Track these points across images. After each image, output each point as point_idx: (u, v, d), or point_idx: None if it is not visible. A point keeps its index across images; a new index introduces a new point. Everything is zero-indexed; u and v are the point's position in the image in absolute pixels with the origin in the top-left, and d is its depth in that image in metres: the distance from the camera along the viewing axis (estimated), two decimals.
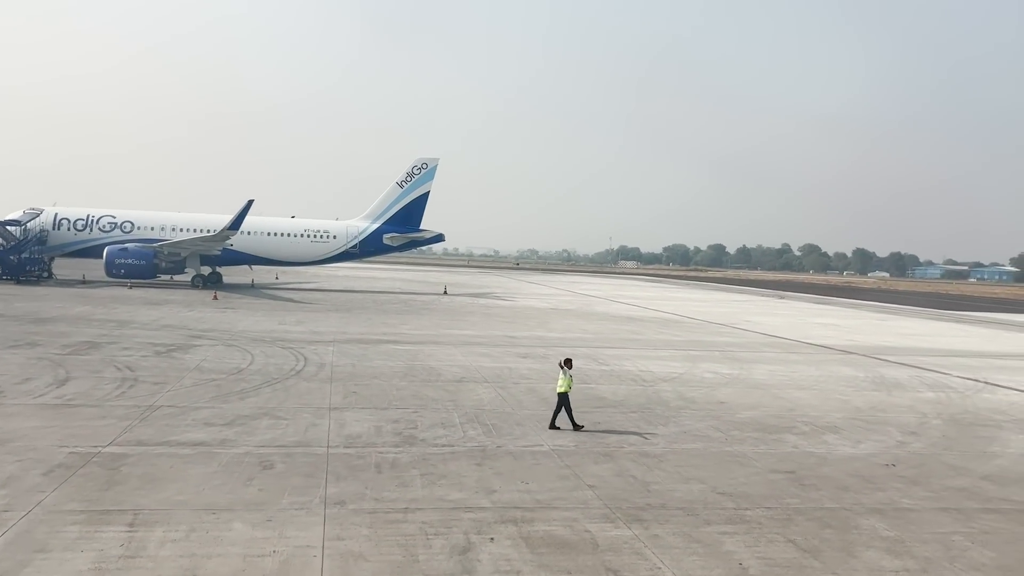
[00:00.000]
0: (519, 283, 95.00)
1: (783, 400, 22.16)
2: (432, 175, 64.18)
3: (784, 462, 15.41)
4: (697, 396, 22.13)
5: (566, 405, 17.37)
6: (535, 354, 29.32)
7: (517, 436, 16.51)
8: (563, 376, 17.45)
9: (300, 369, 23.63)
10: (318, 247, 62.40)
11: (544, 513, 11.77)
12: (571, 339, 35.06)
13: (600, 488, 13.15)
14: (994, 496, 13.76)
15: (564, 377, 17.41)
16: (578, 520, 11.53)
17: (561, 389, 17.36)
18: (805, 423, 19.17)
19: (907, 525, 11.99)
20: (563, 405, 17.37)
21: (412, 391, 20.91)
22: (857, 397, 23.15)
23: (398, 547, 10.17)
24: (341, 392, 20.32)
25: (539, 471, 14.00)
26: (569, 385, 17.43)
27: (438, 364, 25.75)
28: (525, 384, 22.78)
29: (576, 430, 17.15)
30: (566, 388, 17.34)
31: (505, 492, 12.67)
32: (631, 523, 11.51)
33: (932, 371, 29.64)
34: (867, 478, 14.51)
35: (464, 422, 17.53)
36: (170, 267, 58.94)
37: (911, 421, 19.98)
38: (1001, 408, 22.48)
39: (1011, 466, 15.93)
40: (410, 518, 11.28)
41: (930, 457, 16.32)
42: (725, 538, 11.08)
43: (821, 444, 17.08)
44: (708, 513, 12.13)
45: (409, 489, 12.60)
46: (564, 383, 17.36)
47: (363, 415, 17.79)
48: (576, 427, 17.27)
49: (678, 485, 13.56)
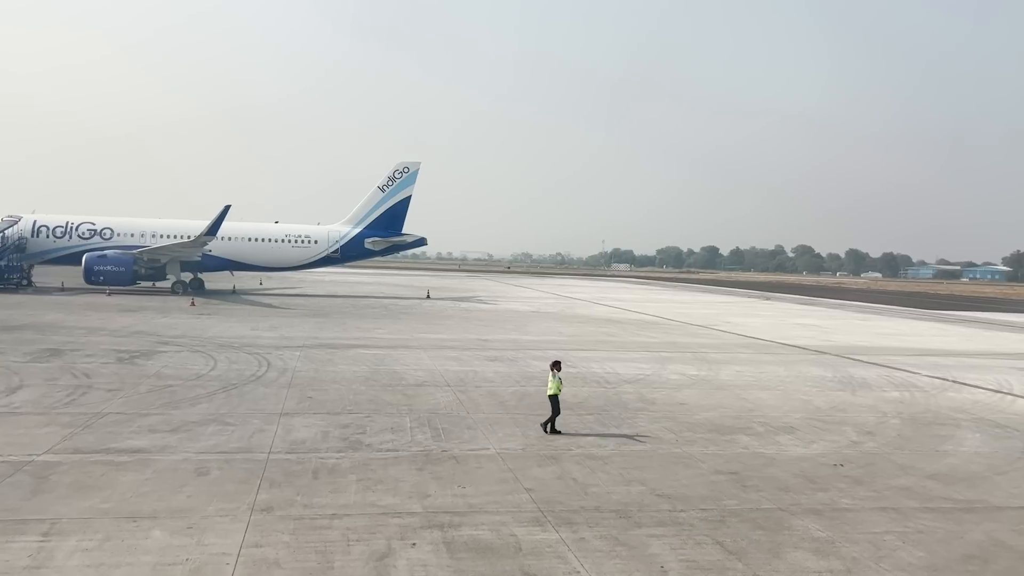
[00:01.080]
0: (506, 287, 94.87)
1: (744, 401, 22.08)
2: (414, 179, 64.08)
3: (731, 463, 15.30)
4: (658, 398, 22.03)
5: (555, 408, 17.35)
6: (505, 357, 29.20)
7: (466, 440, 16.37)
8: (552, 379, 17.44)
9: (261, 375, 23.46)
10: (299, 252, 62.20)
11: (474, 517, 11.63)
12: (545, 342, 34.94)
13: (537, 491, 13.02)
14: (936, 495, 13.67)
15: (553, 380, 17.41)
16: (507, 524, 11.40)
17: (551, 392, 17.36)
18: (761, 424, 19.08)
19: (841, 525, 11.89)
20: (555, 407, 17.35)
21: (370, 396, 20.76)
22: (820, 397, 23.08)
23: (316, 554, 10.02)
24: (297, 397, 20.16)
25: (479, 475, 13.87)
26: (559, 388, 17.40)
27: (403, 368, 25.60)
28: (487, 388, 22.65)
29: (550, 433, 17.08)
30: (555, 391, 17.32)
31: (439, 497, 12.54)
32: (560, 526, 11.38)
33: (902, 370, 29.60)
34: (811, 478, 14.42)
35: (415, 426, 17.39)
36: (150, 273, 58.75)
37: (869, 421, 19.91)
38: (964, 407, 22.42)
39: (960, 464, 15.86)
40: (335, 524, 11.13)
41: (880, 457, 16.24)
42: (653, 540, 10.96)
43: (772, 445, 16.99)
44: (641, 515, 12.02)
45: (342, 495, 12.45)
46: (553, 386, 17.35)
47: (313, 420, 17.63)
48: (552, 431, 17.20)
49: (618, 487, 13.44)
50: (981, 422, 20.32)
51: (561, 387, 17.56)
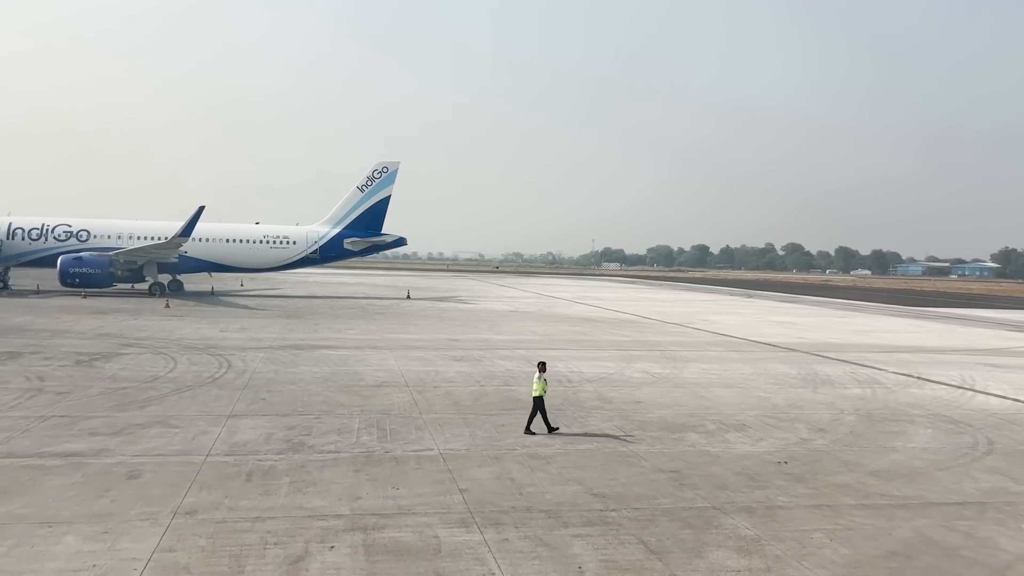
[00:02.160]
0: (490, 286, 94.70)
1: (702, 399, 22.02)
2: (393, 179, 63.82)
3: (674, 461, 15.23)
4: (616, 396, 21.95)
5: (541, 409, 17.26)
6: (471, 357, 29.07)
7: (412, 441, 16.24)
8: (537, 380, 17.35)
9: (219, 376, 23.25)
10: (278, 253, 61.85)
11: (401, 519, 11.51)
12: (516, 341, 34.83)
13: (472, 492, 12.90)
14: (874, 492, 13.62)
15: (538, 381, 17.32)
16: (432, 526, 11.28)
17: (536, 393, 17.27)
18: (714, 421, 19.02)
19: (771, 523, 11.82)
20: (539, 409, 17.25)
21: (324, 397, 20.58)
22: (779, 395, 23.05)
23: (229, 558, 9.88)
24: (249, 399, 19.97)
25: (417, 476, 13.74)
26: (544, 389, 17.31)
27: (365, 369, 25.43)
28: (446, 388, 22.52)
29: (528, 433, 17.06)
30: (540, 392, 17.23)
31: (370, 499, 12.40)
32: (486, 527, 11.27)
33: (869, 367, 29.63)
34: (752, 476, 14.35)
35: (362, 427, 17.24)
36: (127, 275, 58.29)
37: (824, 418, 19.88)
38: (922, 403, 22.44)
39: (905, 460, 15.83)
40: (257, 527, 10.98)
41: (826, 454, 16.20)
42: (576, 541, 10.86)
43: (720, 443, 16.92)
44: (571, 515, 11.92)
45: (271, 498, 12.30)
46: (538, 387, 17.26)
47: (261, 422, 17.46)
48: (529, 431, 17.18)
49: (554, 487, 13.34)
50: (936, 418, 20.32)
51: (546, 388, 17.46)
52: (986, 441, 17.80)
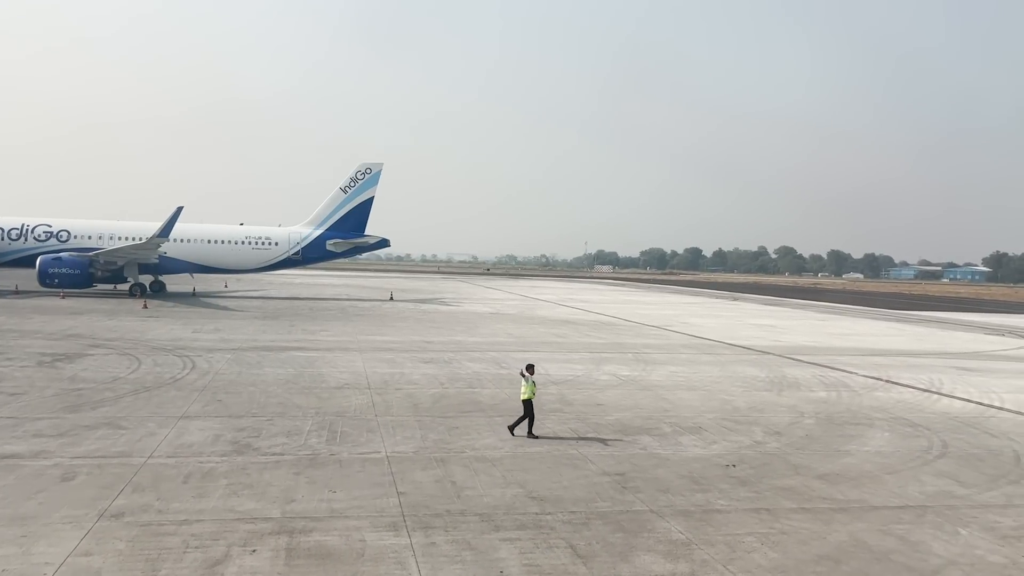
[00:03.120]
0: (477, 288, 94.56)
1: (664, 401, 21.94)
2: (376, 180, 63.63)
3: (621, 464, 15.13)
4: (578, 399, 21.84)
5: (529, 413, 17.16)
6: (441, 359, 28.93)
7: (360, 443, 16.10)
8: (525, 383, 17.28)
9: (180, 377, 23.06)
10: (260, 254, 61.59)
11: (330, 523, 11.37)
12: (489, 344, 34.71)
13: (410, 495, 12.77)
14: (817, 495, 13.55)
15: (527, 384, 17.25)
16: (361, 529, 11.14)
17: (524, 396, 17.20)
18: (671, 424, 18.94)
19: (705, 527, 11.73)
20: (529, 412, 17.16)
21: (282, 399, 20.41)
22: (743, 397, 22.99)
23: (145, 562, 9.72)
24: (206, 400, 19.79)
25: (357, 479, 13.60)
26: (532, 392, 17.23)
27: (330, 371, 25.26)
28: (408, 390, 22.37)
29: (529, 436, 16.93)
30: (529, 395, 17.16)
31: (304, 502, 12.25)
32: (416, 531, 11.14)
33: (839, 370, 29.62)
34: (697, 479, 14.27)
35: (313, 429, 17.09)
36: (107, 276, 57.91)
37: (782, 421, 19.82)
38: (886, 406, 22.40)
39: (856, 464, 15.77)
40: (182, 531, 10.83)
41: (778, 457, 16.12)
42: (504, 545, 10.74)
43: (673, 445, 16.83)
44: (505, 519, 11.80)
45: (204, 500, 12.14)
46: (527, 390, 17.19)
47: (212, 424, 17.28)
48: (530, 434, 17.04)
49: (495, 490, 13.22)
50: (897, 421, 20.28)
51: (535, 391, 17.38)
52: (941, 444, 17.76)
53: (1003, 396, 24.89)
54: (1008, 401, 24.00)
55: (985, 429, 19.67)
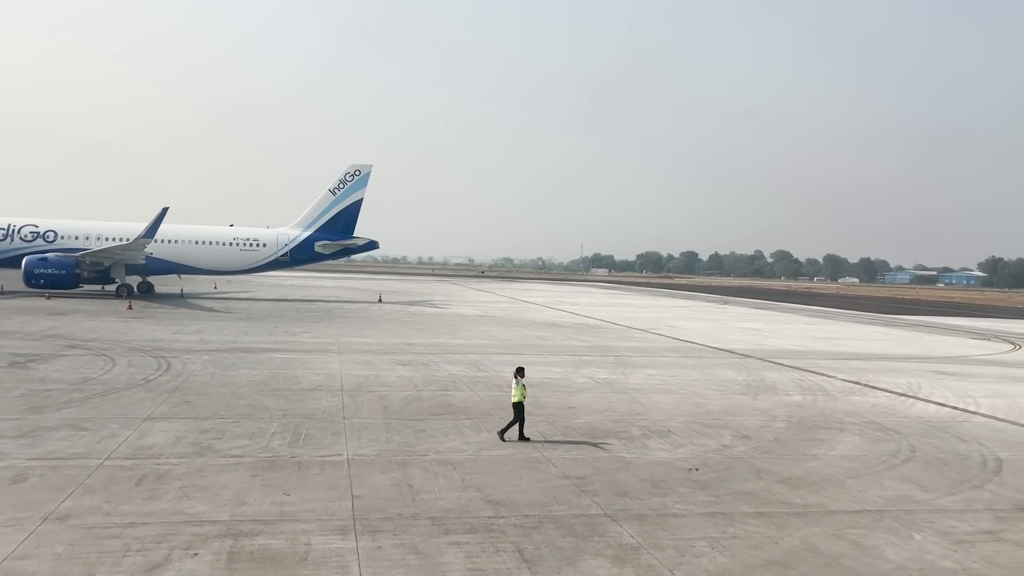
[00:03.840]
0: (468, 291, 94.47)
1: (637, 404, 21.86)
2: (365, 182, 63.51)
3: (584, 467, 15.04)
4: (551, 402, 21.74)
5: (519, 415, 17.11)
6: (419, 362, 28.82)
7: (324, 446, 15.98)
8: (516, 386, 17.22)
9: (152, 378, 22.92)
10: (248, 255, 61.41)
11: (279, 526, 11.25)
12: (471, 346, 34.62)
13: (364, 499, 12.66)
14: (776, 500, 13.47)
15: (517, 387, 17.20)
16: (309, 533, 11.03)
17: (515, 399, 17.15)
18: (640, 427, 18.85)
19: (658, 531, 11.64)
20: (519, 414, 17.11)
21: (251, 401, 20.28)
22: (717, 401, 22.92)
23: (82, 566, 9.58)
24: (174, 402, 19.65)
25: (315, 482, 13.48)
26: (523, 395, 17.17)
27: (305, 373, 25.13)
28: (380, 392, 22.25)
29: (520, 440, 16.91)
30: (520, 398, 17.11)
31: (256, 505, 12.14)
32: (364, 535, 11.04)
33: (819, 374, 29.57)
34: (657, 483, 14.18)
35: (278, 432, 16.97)
36: (94, 277, 57.67)
37: (753, 424, 19.74)
38: (860, 410, 22.34)
39: (820, 468, 15.70)
40: (126, 534, 10.70)
41: (742, 461, 16.04)
42: (451, 549, 10.64)
43: (639, 449, 16.74)
44: (456, 522, 11.70)
45: (154, 502, 12.02)
46: (517, 393, 17.14)
47: (176, 425, 17.16)
48: (521, 437, 17.01)
49: (451, 494, 13.12)
50: (868, 425, 20.23)
51: (525, 394, 17.31)
52: (909, 449, 17.70)
53: (979, 400, 24.87)
54: (983, 405, 23.97)
55: (956, 434, 19.63)
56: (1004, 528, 12.39)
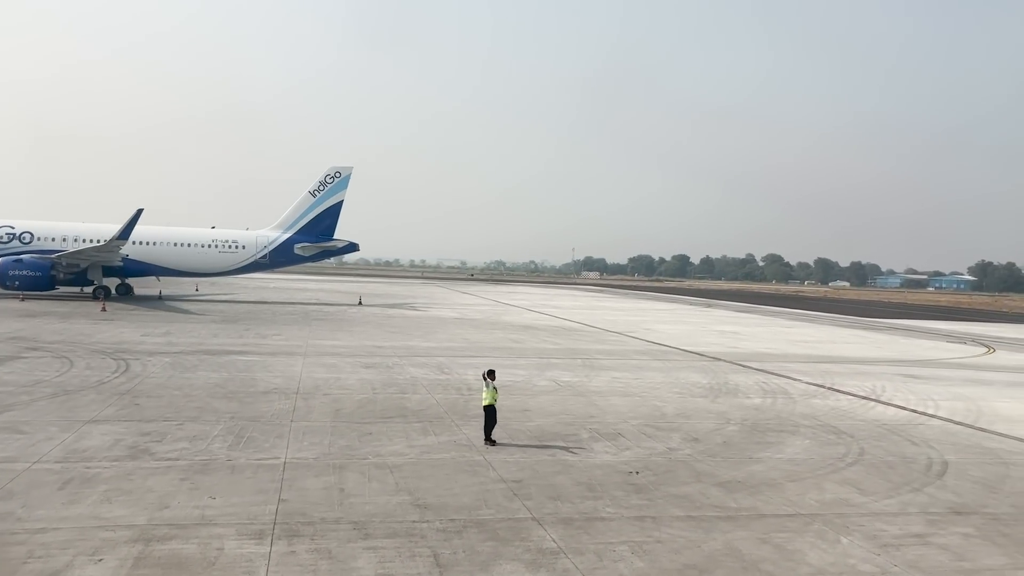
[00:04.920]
0: (454, 294, 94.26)
1: (594, 407, 21.74)
2: (346, 184, 63.28)
3: (523, 471, 14.90)
4: (507, 405, 21.45)
5: (490, 418, 17.03)
6: (384, 364, 28.63)
7: (264, 449, 15.79)
8: (486, 389, 17.14)
9: (106, 381, 22.67)
10: (226, 258, 61.08)
11: (195, 531, 11.08)
12: (440, 349, 34.46)
13: (291, 502, 12.49)
14: (709, 503, 13.36)
15: (488, 389, 17.11)
16: (225, 537, 10.86)
17: (486, 402, 17.07)
18: (591, 430, 18.73)
19: (582, 536, 11.52)
20: (490, 417, 17.04)
21: (202, 403, 20.07)
22: (675, 404, 22.82)
23: None
24: (122, 404, 19.42)
25: (244, 485, 13.30)
26: (494, 397, 17.09)
27: (264, 376, 24.90)
28: (336, 395, 22.06)
29: (490, 444, 16.80)
30: (491, 400, 17.03)
31: (177, 508, 11.95)
32: (281, 539, 10.87)
33: (785, 377, 29.52)
34: (593, 487, 14.05)
35: (220, 435, 16.77)
36: (71, 279, 57.22)
37: (706, 427, 19.65)
38: (817, 413, 22.28)
39: (763, 471, 15.61)
40: (33, 540, 10.49)
41: (685, 464, 15.94)
42: (366, 554, 10.49)
43: (583, 452, 16.61)
44: (379, 527, 11.54)
45: (72, 507, 11.81)
46: (488, 395, 17.05)
47: (118, 428, 16.93)
48: (489, 441, 16.90)
49: (382, 497, 12.96)
50: (822, 428, 20.16)
51: (496, 396, 17.22)
52: (858, 452, 17.64)
53: (940, 403, 24.85)
54: (943, 408, 23.96)
55: (909, 436, 19.58)
56: (933, 532, 12.32)
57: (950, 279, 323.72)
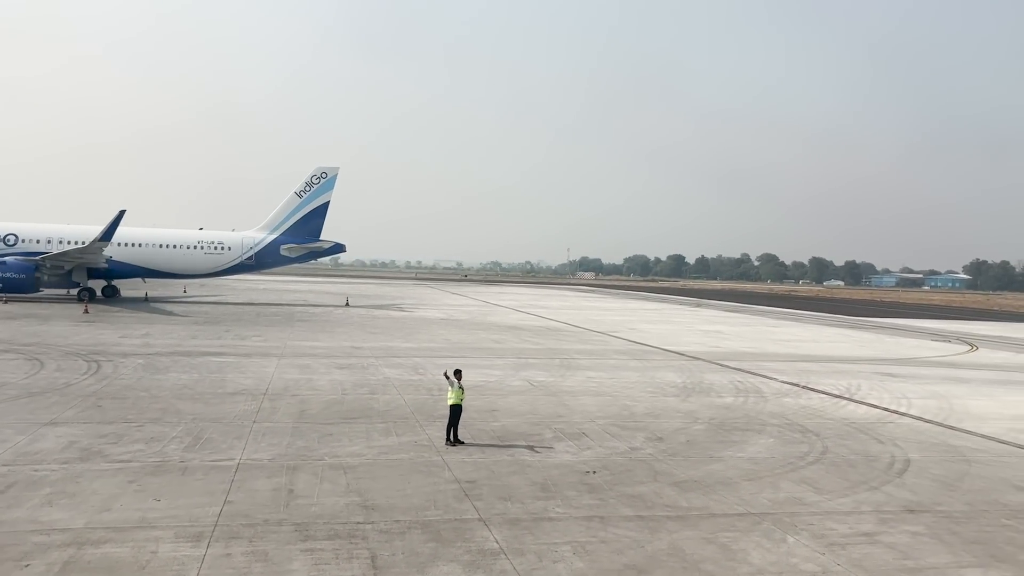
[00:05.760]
0: (443, 294, 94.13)
1: (563, 407, 21.64)
2: (332, 184, 63.12)
3: (479, 471, 14.80)
4: (475, 405, 21.35)
5: (455, 418, 16.95)
6: (359, 365, 28.51)
7: (220, 450, 15.66)
8: (451, 388, 17.07)
9: (74, 383, 22.51)
10: (212, 259, 60.87)
11: (132, 534, 10.94)
12: (419, 349, 34.34)
13: (237, 504, 12.37)
14: (661, 503, 13.27)
15: (453, 389, 17.04)
16: (162, 540, 10.72)
17: (451, 401, 16.98)
18: (556, 430, 18.63)
19: (526, 536, 11.42)
20: (453, 417, 16.94)
21: (166, 405, 19.93)
22: (646, 403, 22.74)
23: None
24: (84, 406, 19.27)
25: (192, 487, 13.17)
26: (459, 397, 16.99)
27: (234, 377, 24.76)
28: (304, 396, 21.93)
29: (451, 444, 16.69)
30: (456, 400, 16.94)
31: (119, 512, 11.81)
32: (218, 541, 10.74)
33: (762, 376, 29.46)
34: (547, 487, 13.95)
35: (178, 436, 16.63)
36: (56, 281, 56.91)
37: (672, 427, 19.56)
38: (787, 412, 22.22)
39: (721, 471, 15.52)
40: None
41: (644, 463, 15.85)
42: (303, 556, 10.38)
43: (543, 452, 16.51)
44: (322, 528, 11.43)
45: (11, 511, 11.65)
46: (453, 395, 16.98)
47: (75, 430, 16.78)
48: (449, 442, 16.79)
49: (330, 499, 12.85)
50: (789, 427, 20.09)
51: (462, 397, 17.13)
52: (821, 450, 17.57)
53: (913, 402, 24.82)
54: (915, 406, 23.92)
55: (876, 435, 19.52)
56: (883, 531, 12.25)
57: (945, 278, 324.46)
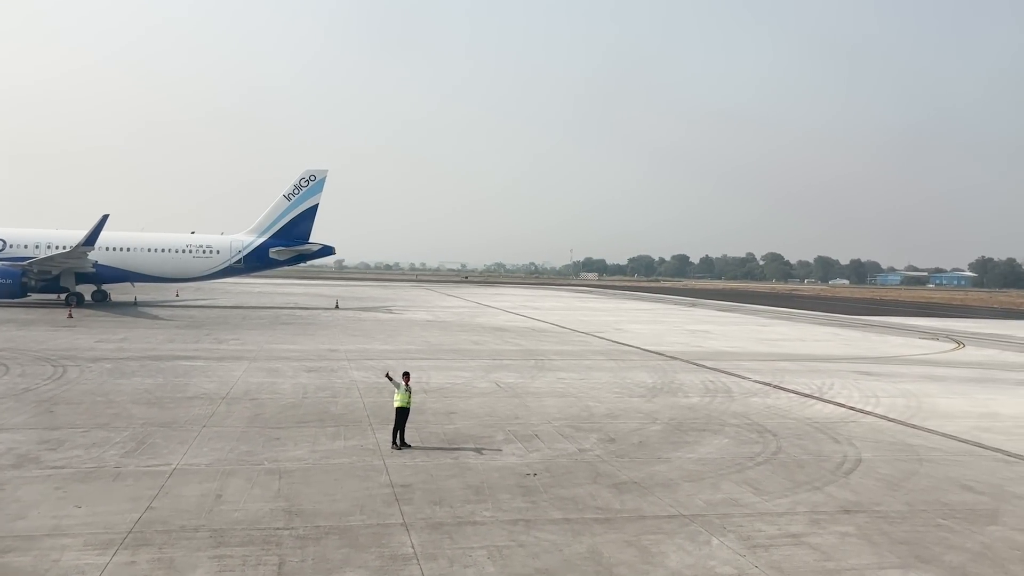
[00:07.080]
0: (437, 296, 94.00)
1: (523, 409, 21.46)
2: (321, 187, 63.04)
3: (417, 475, 14.63)
4: (435, 407, 21.31)
5: (399, 421, 16.80)
6: (328, 368, 28.37)
7: (160, 455, 15.52)
8: (398, 391, 16.92)
9: (34, 388, 22.42)
10: (201, 263, 60.84)
11: (40, 542, 10.78)
12: (396, 351, 34.19)
13: (158, 510, 12.22)
14: (596, 506, 13.07)
15: (400, 392, 16.89)
16: (68, 548, 10.57)
17: (397, 404, 16.83)
18: (508, 432, 18.45)
19: (444, 540, 11.24)
20: (399, 420, 16.80)
21: (120, 410, 19.81)
22: (609, 404, 22.54)
23: None
24: (35, 412, 19.18)
25: (118, 493, 13.02)
26: (405, 400, 16.83)
27: (199, 381, 24.63)
28: (264, 400, 21.78)
29: (397, 448, 16.54)
30: (403, 403, 16.78)
31: (33, 519, 11.65)
32: (126, 549, 10.59)
33: (734, 375, 29.23)
34: (481, 490, 13.77)
35: (121, 440, 16.51)
36: (43, 285, 56.99)
37: (627, 427, 19.36)
38: (750, 412, 21.99)
39: (665, 472, 15.32)
40: None
41: (588, 465, 15.66)
42: (209, 563, 10.22)
43: (490, 454, 16.33)
44: (239, 535, 11.26)
45: None
46: (400, 398, 16.83)
47: (16, 436, 16.65)
48: (395, 445, 16.63)
49: (255, 504, 12.68)
50: (749, 427, 19.87)
51: (409, 400, 16.98)
52: (774, 450, 17.35)
53: (881, 400, 24.56)
54: (883, 405, 23.66)
55: (835, 434, 19.28)
56: (812, 532, 12.03)
57: (950, 276, 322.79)
